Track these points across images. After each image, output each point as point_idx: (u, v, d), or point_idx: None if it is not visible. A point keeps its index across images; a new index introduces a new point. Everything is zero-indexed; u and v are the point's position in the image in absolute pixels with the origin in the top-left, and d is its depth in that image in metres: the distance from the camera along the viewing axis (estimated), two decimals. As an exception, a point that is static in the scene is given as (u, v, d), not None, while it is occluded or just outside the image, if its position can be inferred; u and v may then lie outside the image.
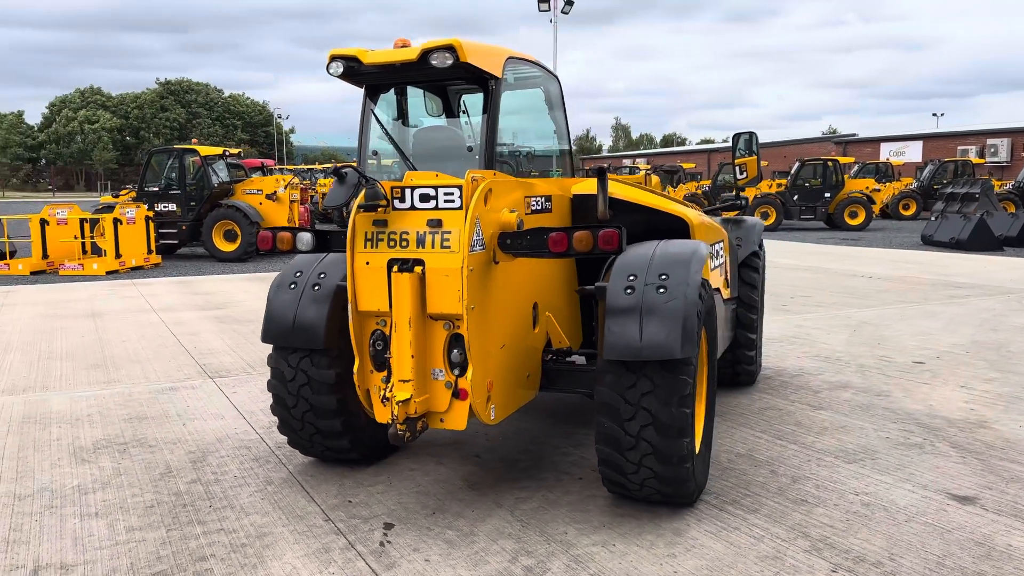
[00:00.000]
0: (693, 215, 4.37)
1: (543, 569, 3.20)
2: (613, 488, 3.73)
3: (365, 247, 3.50)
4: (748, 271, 5.67)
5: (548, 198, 4.14)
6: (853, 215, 24.33)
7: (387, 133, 4.76)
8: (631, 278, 3.54)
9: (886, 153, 47.99)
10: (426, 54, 4.13)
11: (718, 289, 4.77)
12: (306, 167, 37.11)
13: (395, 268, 3.39)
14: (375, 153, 4.81)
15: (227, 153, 17.32)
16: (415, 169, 4.71)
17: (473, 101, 5.56)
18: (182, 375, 6.54)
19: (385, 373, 3.52)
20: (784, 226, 25.46)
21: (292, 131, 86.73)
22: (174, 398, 5.83)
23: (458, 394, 3.43)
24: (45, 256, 14.22)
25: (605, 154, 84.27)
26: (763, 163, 31.79)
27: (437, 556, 3.32)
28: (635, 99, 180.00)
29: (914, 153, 46.95)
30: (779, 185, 25.68)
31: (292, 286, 4.07)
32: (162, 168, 16.91)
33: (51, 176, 60.79)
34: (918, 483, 4.07)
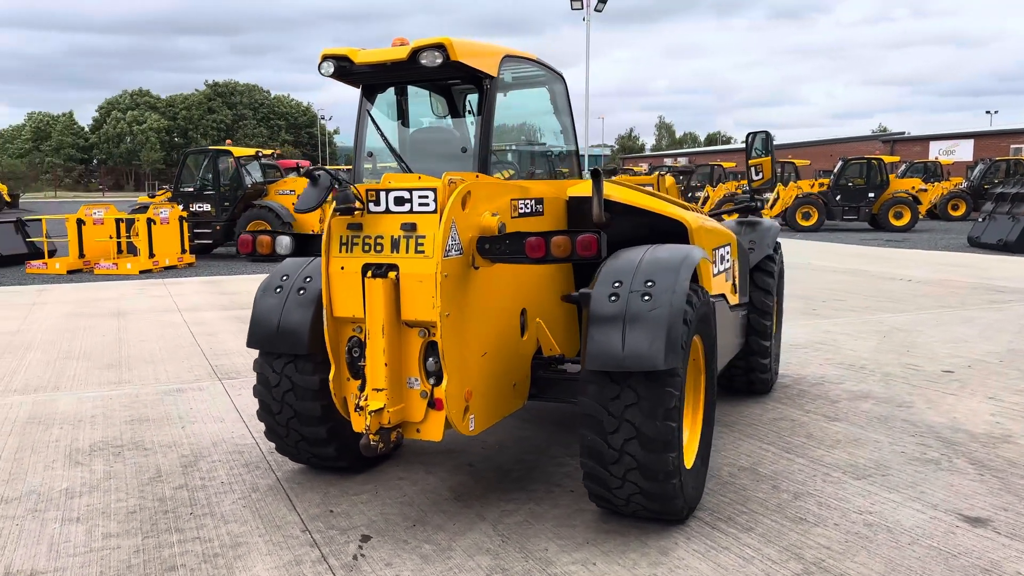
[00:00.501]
0: (692, 218, 4.20)
1: (518, 588, 3.08)
2: (600, 503, 3.59)
3: (340, 251, 3.41)
4: (762, 275, 5.46)
5: (540, 201, 4.01)
6: (898, 216, 23.68)
7: (381, 134, 4.67)
8: (616, 285, 3.40)
9: (935, 152, 46.73)
10: (416, 53, 4.03)
11: (723, 295, 4.59)
12: (347, 167, 37.49)
13: (369, 273, 3.29)
14: (370, 154, 4.73)
15: (260, 154, 17.47)
16: (409, 171, 4.62)
17: (477, 101, 5.46)
18: (192, 376, 6.54)
19: (361, 381, 3.42)
20: (826, 227, 24.92)
21: (336, 132, 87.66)
22: (179, 400, 5.82)
23: (434, 404, 3.32)
24: (82, 255, 14.47)
25: (647, 153, 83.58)
26: (805, 162, 31.19)
27: (409, 572, 3.21)
28: (680, 97, 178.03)
29: (965, 152, 45.65)
30: (821, 185, 25.10)
31: (278, 290, 4.00)
32: (197, 169, 17.12)
33: (101, 176, 62.24)
34: (928, 502, 3.85)
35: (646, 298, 3.30)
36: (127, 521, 3.72)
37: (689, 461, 3.75)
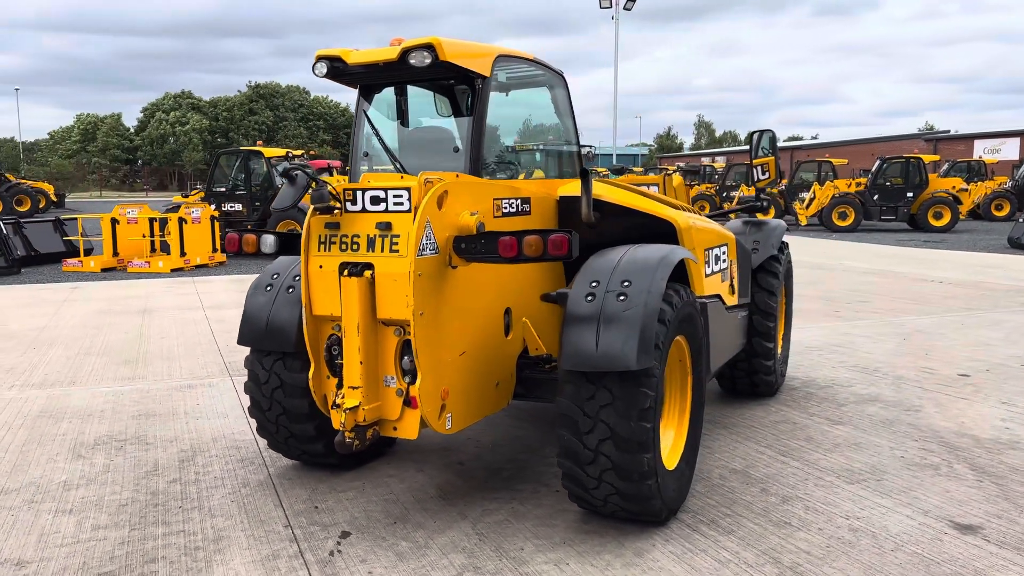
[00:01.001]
0: (681, 218, 4.16)
1: (485, 587, 3.08)
2: (580, 503, 3.58)
3: (318, 250, 3.45)
4: (766, 276, 5.39)
5: (527, 200, 4.00)
6: (937, 216, 23.17)
7: (376, 134, 4.71)
8: (593, 284, 3.39)
9: (980, 151, 45.59)
10: (406, 53, 4.06)
11: (718, 296, 4.54)
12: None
13: (345, 272, 3.32)
14: (366, 154, 4.77)
15: (290, 155, 17.69)
16: (404, 170, 4.65)
17: (503, 99, 5.47)
18: (204, 372, 6.65)
19: (338, 379, 3.45)
20: (864, 227, 24.50)
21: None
22: (188, 395, 5.93)
23: (409, 402, 3.34)
24: (116, 254, 14.79)
25: (686, 152, 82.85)
26: (843, 161, 30.57)
27: (382, 568, 3.23)
28: (722, 96, 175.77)
29: (1011, 151, 44.48)
30: (858, 184, 24.66)
31: (268, 288, 4.05)
32: (230, 169, 17.40)
33: (145, 176, 63.60)
34: (920, 508, 3.77)
35: (621, 298, 3.28)
36: (117, 513, 3.80)
37: (671, 463, 3.72)
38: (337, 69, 4.31)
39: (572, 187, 4.40)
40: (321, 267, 3.43)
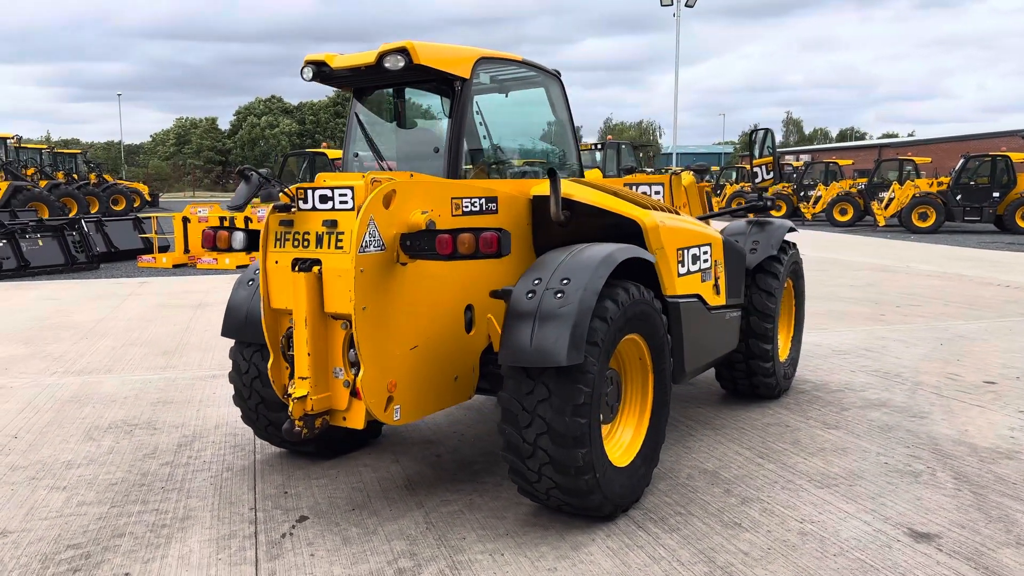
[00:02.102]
0: (648, 217, 4.16)
1: (413, 572, 3.19)
2: (528, 497, 3.64)
3: (275, 246, 3.62)
4: (765, 277, 5.31)
5: (492, 199, 4.08)
6: (1027, 217, 22.02)
7: (366, 134, 4.88)
8: (536, 282, 3.45)
9: (1087, 148, 42.86)
10: (381, 57, 4.21)
11: (697, 296, 4.52)
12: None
13: (296, 267, 3.48)
14: (356, 155, 4.94)
15: (356, 154, 18.13)
16: (390, 171, 4.80)
17: (486, 102, 5.58)
18: (232, 364, 6.96)
19: (291, 370, 3.62)
20: (946, 228, 23.52)
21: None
22: (209, 385, 6.24)
23: (356, 393, 3.48)
24: (187, 251, 15.51)
25: (780, 150, 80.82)
26: (926, 160, 29.27)
27: (324, 552, 3.38)
28: (815, 92, 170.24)
29: (1121, 148, 41.66)
30: (939, 184, 23.66)
31: (250, 283, 4.26)
32: (298, 170, 18.01)
33: (236, 178, 65.96)
34: (882, 515, 3.69)
35: (559, 295, 3.34)
36: (104, 492, 4.07)
37: (624, 460, 3.75)
38: (323, 73, 4.49)
39: (546, 186, 4.45)
40: (277, 263, 3.60)
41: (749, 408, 5.42)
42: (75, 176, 31.36)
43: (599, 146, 17.53)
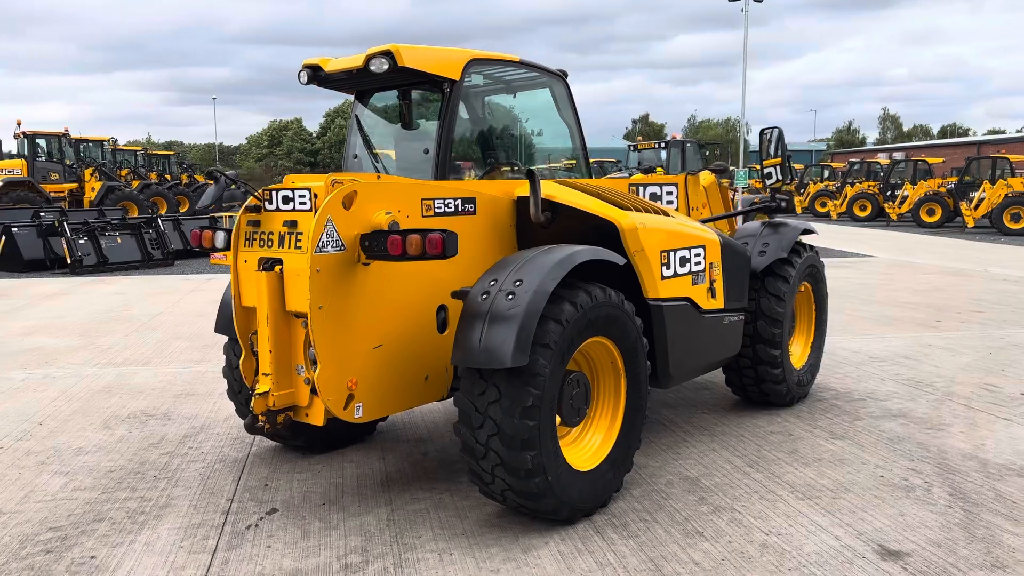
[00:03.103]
0: (627, 219, 4.08)
1: (359, 568, 3.24)
2: (488, 497, 3.65)
3: (244, 246, 3.73)
4: (774, 280, 5.15)
5: (470, 200, 4.09)
6: None
7: (363, 135, 4.97)
8: (491, 283, 3.45)
9: None
10: (368, 60, 4.29)
11: (687, 299, 4.42)
12: (545, 167, 38.07)
13: (259, 266, 3.58)
14: (355, 156, 5.04)
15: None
16: (386, 172, 4.88)
17: (497, 103, 5.62)
18: (263, 359, 7.18)
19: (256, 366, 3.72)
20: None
21: (539, 133, 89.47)
22: (234, 379, 6.45)
23: (315, 390, 3.55)
24: (256, 249, 16.02)
25: (868, 147, 77.91)
26: (1019, 158, 27.63)
27: (281, 544, 3.47)
28: (920, 87, 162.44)
29: None
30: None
31: (241, 281, 4.39)
32: (365, 170, 18.36)
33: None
34: (856, 530, 3.54)
35: (510, 297, 3.33)
36: (101, 478, 4.27)
37: (588, 464, 3.71)
38: (318, 77, 4.60)
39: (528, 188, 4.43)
40: (246, 262, 3.71)
41: (757, 415, 5.27)
42: (167, 176, 32.81)
43: (662, 144, 17.24)
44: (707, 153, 17.93)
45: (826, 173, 36.66)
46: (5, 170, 22.79)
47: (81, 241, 14.33)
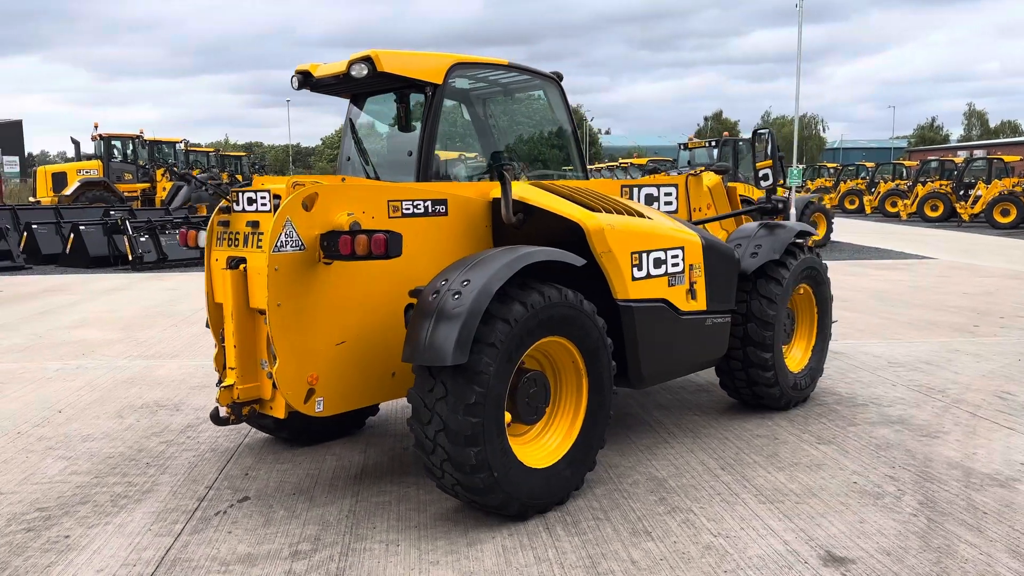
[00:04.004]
0: (593, 220, 4.10)
1: (306, 556, 3.37)
2: (444, 492, 3.74)
3: (216, 245, 3.91)
4: (766, 283, 5.09)
5: (441, 202, 4.19)
6: None
7: (355, 139, 5.12)
8: (442, 283, 3.54)
9: None
10: (349, 66, 4.44)
11: (662, 300, 4.43)
12: (604, 166, 37.90)
13: (225, 264, 3.75)
14: (348, 159, 5.19)
15: (463, 156, 18.56)
16: (376, 175, 5.02)
17: (496, 106, 5.72)
18: (284, 354, 7.43)
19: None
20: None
21: (607, 132, 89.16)
22: (250, 373, 6.70)
23: (276, 384, 3.70)
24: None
25: (950, 144, 74.96)
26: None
27: (242, 531, 3.63)
28: (1014, 82, 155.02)
29: None
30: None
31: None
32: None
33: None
34: (808, 535, 3.51)
35: (456, 296, 3.42)
36: (98, 464, 4.52)
37: (545, 461, 3.77)
38: (308, 82, 4.77)
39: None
40: (217, 260, 3.89)
41: (748, 418, 5.22)
42: (239, 177, 33.89)
43: (714, 143, 16.98)
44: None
45: (903, 171, 35.59)
46: (83, 171, 23.95)
47: (142, 239, 14.97)
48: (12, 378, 6.56)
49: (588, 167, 5.67)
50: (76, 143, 25.16)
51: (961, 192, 27.32)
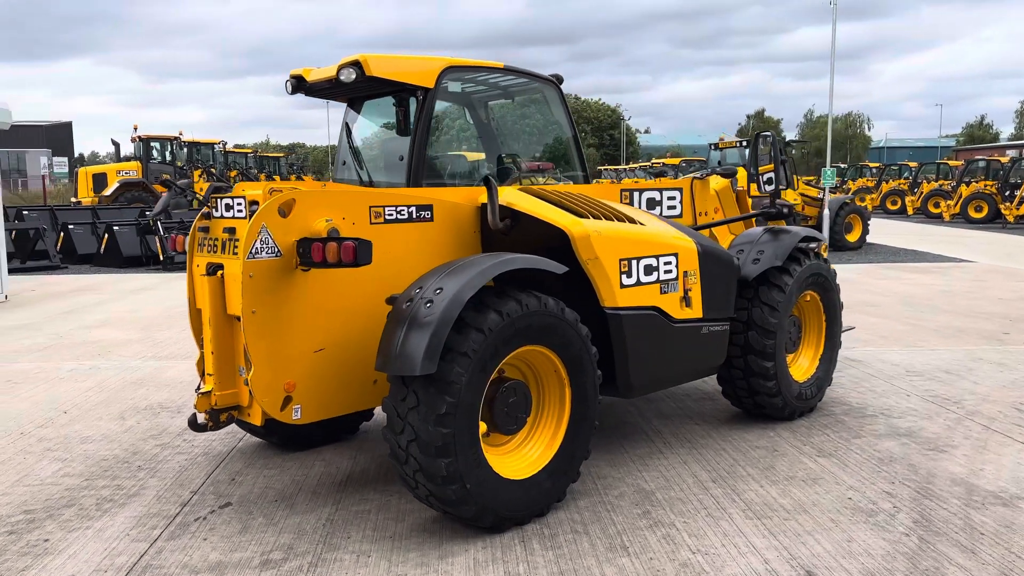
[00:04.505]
0: (579, 227, 4.01)
1: (276, 566, 3.35)
2: (421, 502, 3.69)
3: (197, 251, 3.91)
4: (768, 290, 4.95)
5: (426, 207, 4.14)
6: None
7: (350, 143, 5.11)
8: (417, 291, 3.49)
9: None
10: (338, 70, 4.42)
11: (654, 308, 4.33)
12: (635, 165, 37.70)
13: (203, 271, 3.75)
14: (344, 163, 5.18)
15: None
16: (370, 179, 5.00)
17: (498, 108, 5.67)
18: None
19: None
20: None
21: (646, 131, 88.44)
22: (258, 375, 6.73)
23: (252, 392, 3.68)
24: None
25: (1000, 143, 72.98)
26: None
27: (217, 537, 3.62)
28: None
29: None
30: None
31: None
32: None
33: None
34: (791, 554, 3.39)
35: (428, 304, 3.37)
36: (91, 466, 4.56)
37: (524, 472, 3.71)
38: (302, 86, 4.76)
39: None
40: (198, 266, 3.89)
41: (750, 429, 5.09)
42: (276, 178, 34.25)
43: (744, 143, 16.67)
44: (792, 152, 17.23)
45: (943, 171, 34.74)
46: (123, 172, 24.44)
47: (173, 239, 15.18)
48: (27, 378, 6.67)
49: (589, 168, 5.59)
50: (116, 144, 25.69)
51: (1007, 192, 26.56)
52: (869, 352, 7.28)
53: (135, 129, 25.59)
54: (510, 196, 4.30)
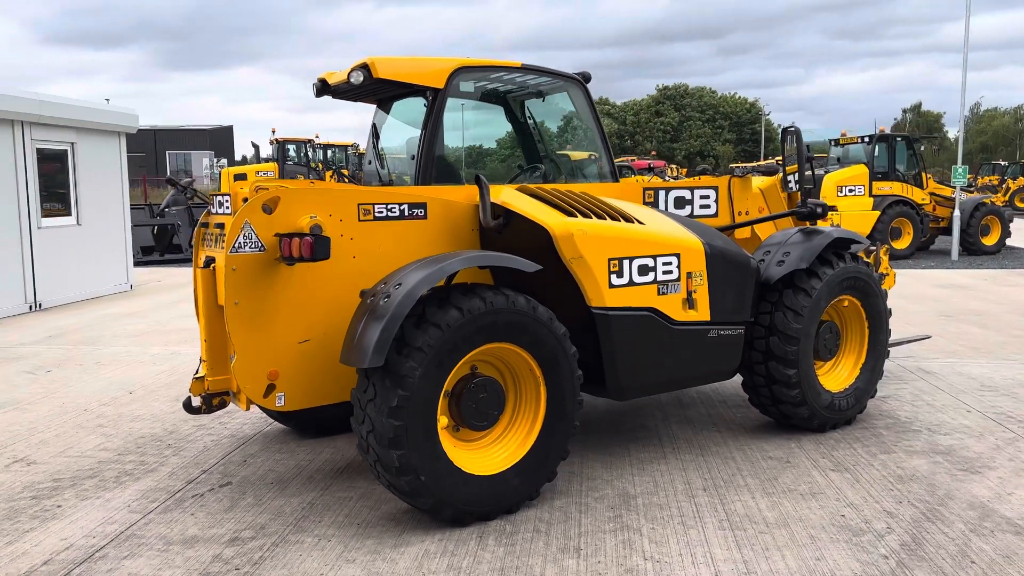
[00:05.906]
0: (562, 226, 3.96)
1: (243, 543, 3.54)
2: (387, 489, 3.78)
3: (201, 246, 4.17)
4: (792, 293, 4.71)
5: (419, 205, 4.21)
6: None
7: (375, 144, 5.28)
8: (381, 286, 3.59)
9: None
10: (349, 74, 4.60)
11: (651, 309, 4.23)
12: (758, 163, 36.20)
13: (202, 264, 3.99)
14: (370, 162, 5.35)
15: (592, 156, 18.40)
16: (389, 177, 5.16)
17: (536, 107, 5.71)
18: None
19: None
20: None
21: (790, 126, 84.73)
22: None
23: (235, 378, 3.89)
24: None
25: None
26: None
27: (204, 514, 3.86)
28: None
29: None
30: None
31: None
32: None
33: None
34: (747, 569, 3.25)
35: (385, 299, 3.45)
36: (129, 442, 4.95)
37: (492, 468, 3.73)
38: (327, 89, 4.97)
39: (493, 193, 4.46)
40: (199, 260, 4.15)
41: (772, 438, 4.87)
42: (344, 171, 34.97)
43: (866, 139, 15.73)
44: (921, 148, 16.01)
45: None
46: (261, 172, 26.01)
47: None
48: (114, 360, 7.28)
49: (616, 167, 5.51)
50: (256, 147, 27.40)
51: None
52: (948, 363, 6.77)
53: (273, 132, 27.18)
54: (503, 195, 4.31)
